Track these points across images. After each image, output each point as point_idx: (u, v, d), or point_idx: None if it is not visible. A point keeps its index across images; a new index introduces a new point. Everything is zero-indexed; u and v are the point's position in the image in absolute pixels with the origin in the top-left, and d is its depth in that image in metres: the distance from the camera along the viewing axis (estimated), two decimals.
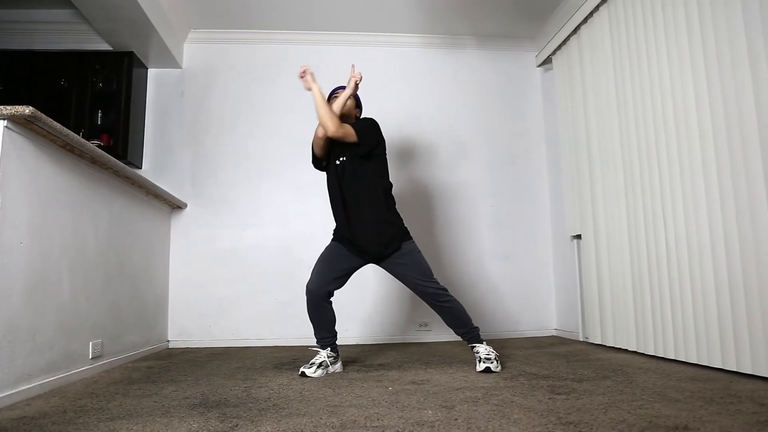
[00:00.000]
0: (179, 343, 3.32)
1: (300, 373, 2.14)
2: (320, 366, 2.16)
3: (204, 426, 1.38)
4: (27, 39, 3.55)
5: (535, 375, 2.04)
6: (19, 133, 1.78)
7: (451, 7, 3.41)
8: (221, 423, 1.41)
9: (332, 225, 2.34)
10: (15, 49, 3.44)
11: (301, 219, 3.51)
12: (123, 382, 2.07)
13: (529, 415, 1.42)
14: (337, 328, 2.28)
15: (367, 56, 3.64)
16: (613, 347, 2.80)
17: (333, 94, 2.38)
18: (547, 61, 3.66)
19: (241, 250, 3.45)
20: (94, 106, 3.35)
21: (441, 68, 3.79)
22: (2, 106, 1.67)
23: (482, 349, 2.20)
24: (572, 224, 3.29)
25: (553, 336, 3.53)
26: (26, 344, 1.79)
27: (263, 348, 3.20)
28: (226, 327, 3.36)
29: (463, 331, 2.26)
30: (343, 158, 2.27)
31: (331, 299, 2.24)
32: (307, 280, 2.22)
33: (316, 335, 2.25)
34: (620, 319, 2.74)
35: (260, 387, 1.92)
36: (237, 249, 3.45)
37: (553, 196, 3.66)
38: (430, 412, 1.48)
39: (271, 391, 1.83)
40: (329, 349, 2.23)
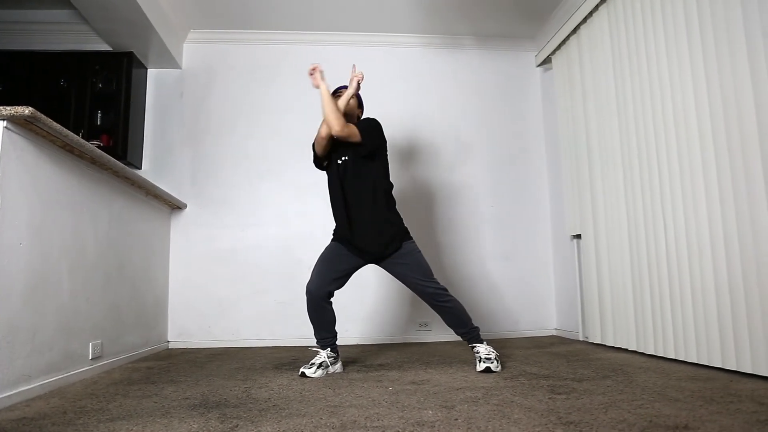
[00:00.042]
0: (179, 343, 3.32)
1: (300, 373, 2.14)
2: (320, 366, 2.16)
3: (204, 426, 1.38)
4: (27, 39, 3.55)
5: (536, 375, 2.04)
6: (19, 134, 1.77)
7: (451, 7, 3.41)
8: (221, 423, 1.41)
9: (332, 225, 2.34)
10: (15, 49, 3.44)
11: (301, 219, 3.50)
12: (123, 382, 2.07)
13: (530, 415, 1.42)
14: (337, 329, 2.28)
15: (367, 56, 3.64)
16: (613, 347, 2.80)
17: (335, 94, 2.37)
18: (547, 60, 3.66)
19: (241, 251, 3.45)
20: (93, 106, 3.35)
21: (441, 68, 3.79)
22: (2, 107, 1.67)
23: (482, 349, 2.20)
24: (572, 224, 3.29)
25: (553, 336, 3.53)
26: (26, 345, 1.79)
27: (263, 348, 3.19)
28: (226, 327, 3.36)
29: (463, 331, 2.26)
30: (344, 158, 2.27)
31: (332, 299, 2.24)
32: (307, 281, 2.22)
33: (316, 335, 2.25)
34: (620, 318, 2.74)
35: (260, 387, 1.92)
36: (237, 249, 3.45)
37: (553, 196, 3.66)
38: (431, 412, 1.48)
39: (271, 392, 1.83)
40: (329, 349, 2.23)
